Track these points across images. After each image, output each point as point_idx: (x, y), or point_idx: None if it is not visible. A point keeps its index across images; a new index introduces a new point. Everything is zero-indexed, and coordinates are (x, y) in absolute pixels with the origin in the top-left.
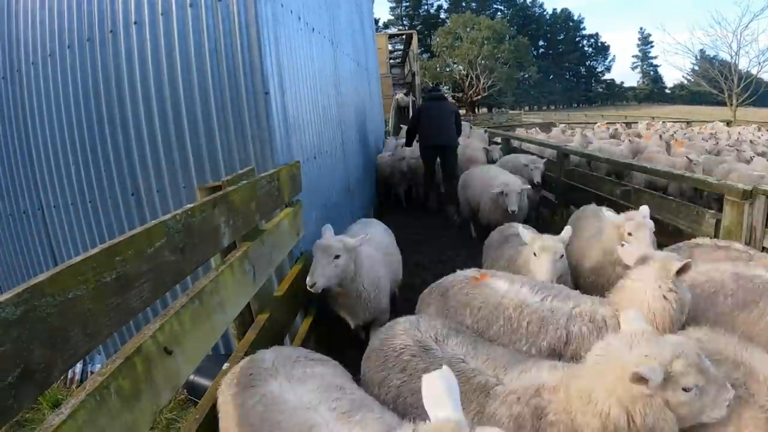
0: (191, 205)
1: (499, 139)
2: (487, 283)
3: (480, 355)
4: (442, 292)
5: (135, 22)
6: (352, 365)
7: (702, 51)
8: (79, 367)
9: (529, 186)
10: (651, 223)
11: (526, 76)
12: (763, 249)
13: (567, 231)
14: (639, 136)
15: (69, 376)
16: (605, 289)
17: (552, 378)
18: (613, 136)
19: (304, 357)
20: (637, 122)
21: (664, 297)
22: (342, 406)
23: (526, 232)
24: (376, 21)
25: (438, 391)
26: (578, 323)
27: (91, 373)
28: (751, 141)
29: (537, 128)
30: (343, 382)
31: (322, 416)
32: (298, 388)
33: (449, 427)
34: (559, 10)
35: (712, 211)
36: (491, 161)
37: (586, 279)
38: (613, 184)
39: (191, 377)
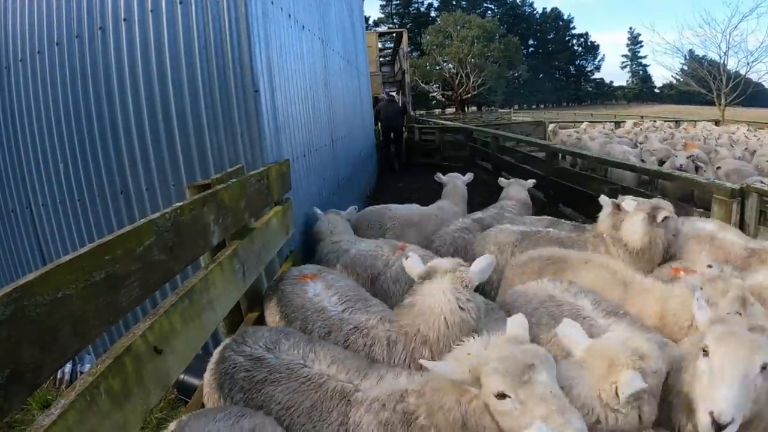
0: (181, 204)
1: None
2: (306, 283)
3: (322, 358)
4: (277, 282)
5: (124, 19)
6: None
7: (691, 51)
8: (68, 367)
9: None
10: None
11: (516, 74)
12: None
13: None
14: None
15: (58, 377)
16: None
17: (413, 383)
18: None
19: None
20: (625, 121)
21: (461, 308)
22: None
23: None
24: (366, 19)
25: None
26: (357, 335)
27: (81, 373)
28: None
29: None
30: None
31: None
32: None
33: None
34: (549, 10)
35: (700, 210)
36: None
37: None
38: (600, 182)
39: (181, 376)
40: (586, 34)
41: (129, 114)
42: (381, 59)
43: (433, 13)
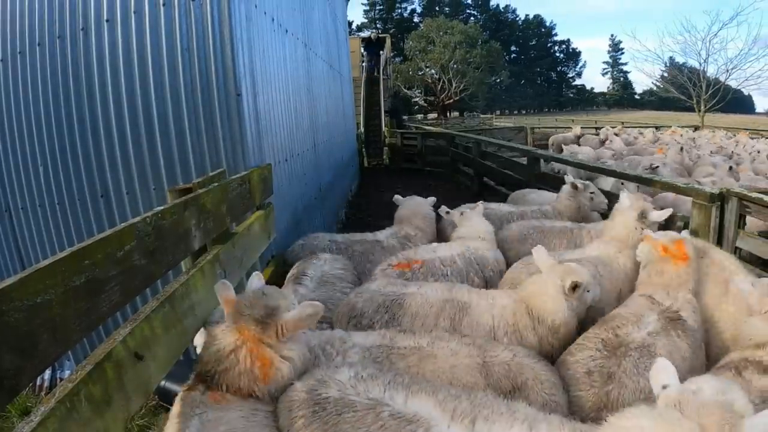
0: (162, 208)
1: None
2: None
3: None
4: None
5: (107, 20)
6: None
7: (671, 58)
8: (48, 373)
9: None
10: None
11: (498, 80)
12: (736, 249)
13: None
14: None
15: (38, 383)
16: None
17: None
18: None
19: None
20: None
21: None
22: None
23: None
24: (350, 24)
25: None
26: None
27: (61, 379)
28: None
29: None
30: None
31: None
32: None
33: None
34: (531, 16)
35: (680, 214)
36: None
37: None
38: None
39: (163, 383)
40: (568, 40)
41: (110, 116)
42: (364, 64)
43: (416, 19)
